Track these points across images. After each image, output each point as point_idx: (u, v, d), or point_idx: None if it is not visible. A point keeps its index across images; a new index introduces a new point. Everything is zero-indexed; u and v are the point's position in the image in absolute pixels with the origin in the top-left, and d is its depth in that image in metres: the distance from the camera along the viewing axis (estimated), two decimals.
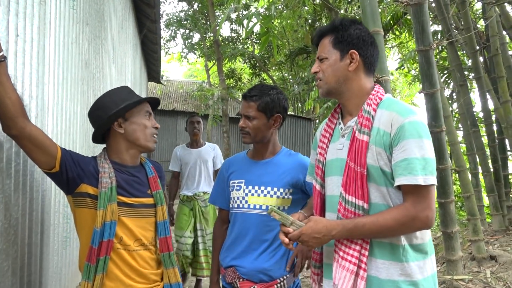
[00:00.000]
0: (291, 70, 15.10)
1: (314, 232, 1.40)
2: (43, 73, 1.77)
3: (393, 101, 1.45)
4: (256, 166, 1.92)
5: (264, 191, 1.86)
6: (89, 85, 2.77)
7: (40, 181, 1.76)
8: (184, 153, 4.07)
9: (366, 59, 1.46)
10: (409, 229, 1.34)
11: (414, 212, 1.30)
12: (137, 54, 7.52)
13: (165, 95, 17.60)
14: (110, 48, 3.79)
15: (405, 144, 1.31)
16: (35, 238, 1.72)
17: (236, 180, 1.92)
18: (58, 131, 2.02)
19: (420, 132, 1.32)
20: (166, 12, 17.40)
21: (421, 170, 1.28)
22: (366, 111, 1.42)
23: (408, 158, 1.30)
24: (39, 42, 1.71)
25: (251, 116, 1.85)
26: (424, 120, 1.44)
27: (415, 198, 1.31)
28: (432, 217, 1.32)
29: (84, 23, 2.56)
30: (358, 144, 1.41)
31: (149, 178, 1.72)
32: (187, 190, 3.99)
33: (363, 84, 1.47)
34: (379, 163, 1.37)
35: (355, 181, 1.40)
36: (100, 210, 1.52)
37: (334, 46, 1.48)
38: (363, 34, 1.47)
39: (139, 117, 1.66)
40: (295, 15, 12.05)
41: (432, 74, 2.72)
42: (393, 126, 1.35)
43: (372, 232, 1.35)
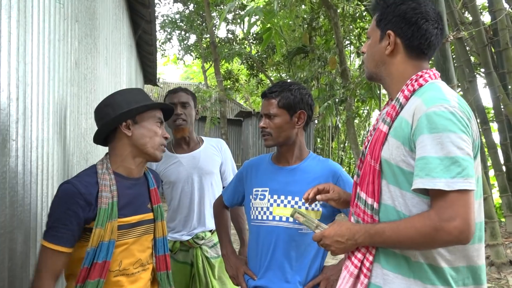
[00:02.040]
0: (289, 70, 14.93)
1: (337, 235, 1.24)
2: (24, 72, 1.57)
3: (430, 87, 1.21)
4: (282, 173, 1.72)
5: (292, 201, 1.66)
6: (79, 87, 2.57)
7: (22, 194, 1.56)
8: (166, 163, 2.33)
9: (407, 40, 1.24)
10: (435, 243, 1.11)
11: (437, 221, 1.07)
12: (132, 56, 7.33)
13: (161, 97, 17.46)
14: (103, 48, 3.60)
15: (423, 140, 1.11)
16: (17, 259, 1.51)
17: (260, 188, 1.72)
18: (45, 137, 1.82)
19: (443, 124, 1.09)
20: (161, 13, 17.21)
21: (442, 172, 1.07)
22: (396, 99, 1.23)
23: (426, 157, 1.09)
24: (19, 37, 1.51)
25: (272, 114, 1.67)
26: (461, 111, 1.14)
27: (440, 205, 1.08)
28: (465, 230, 1.06)
29: (73, 19, 2.37)
30: (377, 135, 1.24)
31: (150, 190, 1.57)
32: (180, 231, 2.33)
33: (403, 69, 1.26)
34: (396, 158, 1.17)
35: (368, 175, 1.23)
36: (97, 229, 1.35)
37: (377, 25, 1.30)
38: (407, 10, 1.23)
39: (150, 122, 1.53)
40: (292, 15, 11.89)
41: (449, 68, 2.55)
42: (415, 116, 1.15)
43: (392, 240, 1.16)
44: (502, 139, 4.61)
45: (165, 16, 15.70)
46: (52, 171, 1.94)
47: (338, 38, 8.82)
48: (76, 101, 2.47)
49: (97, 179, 1.44)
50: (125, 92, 1.56)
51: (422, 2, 1.27)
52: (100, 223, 1.37)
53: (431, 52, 1.29)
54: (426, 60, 1.30)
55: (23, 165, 1.54)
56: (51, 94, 1.93)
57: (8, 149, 1.40)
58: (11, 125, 1.42)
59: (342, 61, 8.92)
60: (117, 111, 1.48)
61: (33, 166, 1.66)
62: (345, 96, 8.24)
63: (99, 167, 1.48)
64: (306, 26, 12.30)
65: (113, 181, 1.45)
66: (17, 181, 1.49)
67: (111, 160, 1.52)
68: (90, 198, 1.39)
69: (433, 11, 1.27)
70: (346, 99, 8.36)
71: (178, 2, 15.47)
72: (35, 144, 1.67)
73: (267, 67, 15.68)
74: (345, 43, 9.71)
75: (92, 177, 1.46)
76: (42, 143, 1.79)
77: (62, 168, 2.14)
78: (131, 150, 1.52)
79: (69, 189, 1.40)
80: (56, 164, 2.02)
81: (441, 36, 1.29)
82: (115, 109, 1.49)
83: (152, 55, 9.28)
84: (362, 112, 12.26)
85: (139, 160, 1.54)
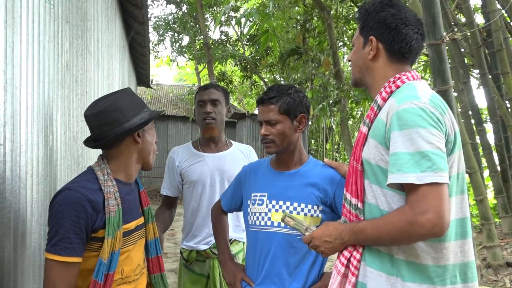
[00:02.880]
0: (283, 72, 14.91)
1: (325, 235, 1.28)
2: (13, 74, 1.53)
3: (406, 88, 1.24)
4: (281, 178, 1.68)
5: (290, 207, 1.62)
6: (71, 89, 2.52)
7: (11, 200, 1.51)
8: (190, 161, 2.23)
9: (388, 45, 1.29)
10: (412, 237, 1.11)
11: (410, 215, 1.09)
12: (125, 58, 7.27)
13: (155, 99, 17.37)
14: (95, 49, 3.55)
15: (394, 137, 1.14)
16: (6, 267, 1.46)
17: (259, 193, 1.68)
18: (34, 141, 1.77)
19: (413, 120, 1.11)
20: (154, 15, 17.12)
21: (413, 167, 1.09)
22: (374, 101, 1.28)
23: (397, 153, 1.13)
24: (7, 38, 1.47)
25: (273, 120, 1.62)
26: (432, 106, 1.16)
27: (413, 199, 1.11)
28: (437, 223, 1.06)
29: (63, 20, 2.32)
30: (358, 136, 1.29)
31: (140, 193, 1.53)
32: (197, 240, 2.19)
33: (385, 73, 1.30)
34: (375, 158, 1.21)
35: (352, 177, 1.27)
36: (109, 240, 1.30)
37: (360, 32, 1.35)
38: (387, 16, 1.29)
39: (151, 128, 1.52)
40: (286, 16, 11.88)
41: (445, 69, 2.53)
42: (388, 115, 1.18)
43: (373, 237, 1.19)
44: (497, 140, 4.62)
45: (158, 17, 15.64)
46: (42, 176, 1.89)
47: (331, 40, 8.82)
48: (67, 104, 2.42)
49: (99, 185, 1.37)
50: (125, 95, 1.49)
51: (402, 9, 1.31)
52: (111, 233, 1.31)
53: (412, 56, 1.33)
54: (407, 64, 1.33)
55: (11, 170, 1.49)
56: (41, 96, 1.89)
57: None
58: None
59: (335, 63, 8.92)
60: (128, 118, 1.43)
61: (22, 171, 1.61)
62: (339, 97, 8.23)
63: (99, 173, 1.40)
64: (299, 28, 12.30)
65: (116, 188, 1.39)
66: (5, 187, 1.44)
67: (111, 165, 1.45)
68: (97, 206, 1.32)
69: (413, 17, 1.31)
70: (340, 100, 8.35)
71: (171, 4, 15.41)
72: (24, 148, 1.62)
73: (261, 69, 15.67)
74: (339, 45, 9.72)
75: (94, 183, 1.38)
76: (31, 147, 1.74)
77: (52, 173, 2.08)
78: (136, 157, 1.48)
79: (75, 196, 1.31)
80: (46, 168, 1.96)
81: (422, 41, 1.33)
82: (125, 116, 1.42)
83: (145, 56, 9.22)
84: (356, 113, 12.28)
85: (138, 166, 1.52)
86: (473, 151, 4.52)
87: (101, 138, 1.43)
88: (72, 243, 1.27)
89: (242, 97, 20.82)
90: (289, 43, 13.58)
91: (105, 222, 1.33)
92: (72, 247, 1.27)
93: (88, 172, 1.44)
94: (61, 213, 1.29)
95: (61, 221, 1.28)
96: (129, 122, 1.43)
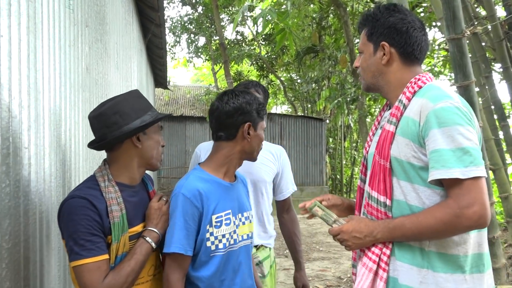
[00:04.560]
0: (299, 70, 14.85)
1: (355, 231, 1.29)
2: (35, 79, 1.56)
3: (430, 88, 1.29)
4: (233, 190, 1.60)
5: (250, 216, 1.65)
6: (91, 92, 2.56)
7: (36, 202, 1.54)
8: None
9: (401, 49, 1.34)
10: (457, 229, 1.17)
11: (456, 208, 1.14)
12: (143, 60, 7.35)
13: (172, 100, 17.52)
14: (113, 52, 3.60)
15: (434, 134, 1.18)
16: (32, 268, 1.50)
17: (223, 213, 1.52)
18: (57, 144, 1.80)
19: (451, 118, 1.17)
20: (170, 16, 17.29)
21: (456, 162, 1.14)
22: (399, 100, 1.31)
23: (439, 150, 1.17)
24: (29, 44, 1.50)
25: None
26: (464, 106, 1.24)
27: (457, 193, 1.14)
28: (484, 214, 1.14)
29: (83, 24, 2.35)
30: (384, 135, 1.30)
31: (149, 193, 1.54)
32: None
33: (401, 76, 1.35)
34: (406, 155, 1.23)
35: (378, 175, 1.29)
36: (114, 245, 1.31)
37: (368, 39, 1.39)
38: (396, 21, 1.33)
39: (155, 132, 1.49)
40: (301, 14, 11.83)
41: (466, 64, 2.47)
42: (422, 114, 1.22)
43: (413, 232, 1.21)
44: None
45: (174, 19, 15.78)
46: (65, 178, 1.92)
47: (348, 37, 8.74)
48: (88, 107, 2.46)
49: (101, 192, 1.37)
50: (129, 97, 1.49)
51: (408, 13, 1.37)
52: (117, 238, 1.33)
53: (422, 57, 1.39)
54: (419, 65, 1.39)
55: (36, 173, 1.52)
56: (63, 100, 1.92)
57: (20, 157, 1.38)
58: (23, 132, 1.41)
59: (352, 60, 8.83)
60: (127, 121, 1.42)
61: (46, 174, 1.64)
62: (357, 95, 8.15)
63: (100, 180, 1.40)
64: (315, 26, 12.22)
65: (118, 192, 1.39)
66: (30, 189, 1.47)
67: (112, 169, 1.45)
68: (101, 212, 1.33)
69: (417, 20, 1.37)
70: (357, 98, 8.27)
71: (186, 5, 15.52)
72: (47, 151, 1.66)
73: (277, 68, 15.64)
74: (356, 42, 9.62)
75: (95, 189, 1.38)
76: (54, 150, 1.78)
77: (75, 175, 2.12)
78: (137, 161, 1.47)
79: (79, 202, 1.32)
80: (69, 171, 2.00)
81: (427, 41, 1.39)
82: (125, 119, 1.42)
83: (162, 58, 9.30)
84: (374, 110, 12.14)
85: (142, 169, 1.51)
86: (497, 147, 4.41)
87: (101, 141, 1.45)
88: (94, 243, 1.29)
89: None
90: (305, 41, 13.52)
91: (110, 228, 1.34)
92: (96, 247, 1.29)
93: (90, 179, 1.45)
94: (72, 221, 1.30)
95: (75, 229, 1.29)
96: (128, 126, 1.42)
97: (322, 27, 11.59)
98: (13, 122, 1.33)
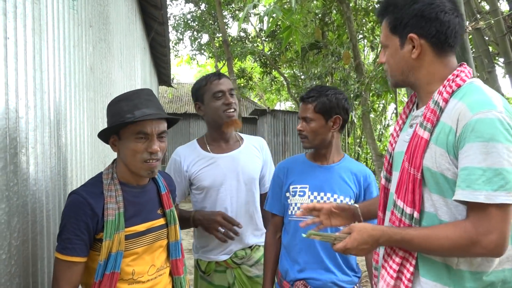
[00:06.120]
0: (302, 67, 14.82)
1: (360, 244, 1.22)
2: (41, 79, 1.59)
3: (472, 89, 1.14)
4: (320, 170, 1.81)
5: (331, 198, 1.75)
6: (96, 92, 2.59)
7: (43, 200, 1.58)
8: (200, 164, 2.00)
9: (433, 38, 1.17)
10: (467, 254, 1.10)
11: (474, 234, 1.04)
12: (146, 58, 7.38)
13: (176, 98, 17.56)
14: (117, 52, 3.62)
15: (468, 149, 1.06)
16: (40, 264, 1.53)
17: (299, 185, 1.80)
18: (63, 143, 1.84)
19: (490, 133, 1.03)
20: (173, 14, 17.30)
21: (484, 184, 1.03)
22: (435, 101, 1.16)
23: (469, 167, 1.05)
24: (35, 45, 1.53)
25: (308, 118, 1.77)
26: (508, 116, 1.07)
27: (477, 218, 1.04)
28: (501, 244, 1.04)
29: (86, 24, 2.38)
30: (417, 141, 1.17)
31: (161, 195, 1.51)
32: (216, 251, 1.99)
33: (435, 69, 1.20)
34: (441, 167, 1.11)
35: (406, 184, 1.17)
36: (107, 241, 1.34)
37: (392, 32, 1.23)
38: (423, 9, 1.16)
39: (130, 139, 1.39)
40: (304, 10, 11.80)
41: (468, 59, 2.48)
42: (459, 123, 1.08)
43: (421, 248, 1.14)
44: None
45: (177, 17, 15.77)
46: (71, 177, 1.96)
47: (351, 33, 8.72)
48: (93, 106, 2.49)
49: (102, 189, 1.41)
50: (131, 96, 1.45)
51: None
52: (109, 236, 1.36)
53: (457, 42, 1.22)
54: (453, 54, 1.24)
55: (43, 172, 1.55)
56: (68, 100, 1.95)
57: (27, 157, 1.41)
58: (30, 132, 1.43)
59: (356, 56, 8.81)
60: (113, 119, 1.42)
61: (53, 172, 1.67)
62: (360, 90, 8.14)
63: (104, 177, 1.45)
64: (318, 22, 12.19)
65: (119, 191, 1.41)
66: (37, 188, 1.50)
67: (117, 168, 1.48)
68: (97, 209, 1.37)
69: (447, 1, 1.20)
70: (361, 93, 8.25)
71: (189, 3, 15.51)
72: (54, 151, 1.69)
73: (281, 64, 15.62)
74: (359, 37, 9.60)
75: (98, 186, 1.43)
76: (60, 149, 1.81)
77: (81, 173, 2.16)
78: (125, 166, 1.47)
79: (76, 200, 1.39)
80: (74, 169, 2.04)
81: (463, 23, 1.23)
82: (112, 116, 1.43)
83: (166, 56, 9.33)
84: (377, 106, 12.11)
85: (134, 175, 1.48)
86: None
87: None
88: (72, 243, 1.35)
89: (263, 93, 20.81)
90: (307, 37, 13.50)
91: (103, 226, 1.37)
92: (72, 247, 1.35)
93: (97, 175, 1.49)
94: (65, 215, 1.38)
95: (64, 223, 1.38)
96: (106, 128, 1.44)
97: (325, 23, 11.55)
98: (20, 122, 1.36)
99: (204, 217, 1.95)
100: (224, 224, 1.91)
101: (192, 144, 2.10)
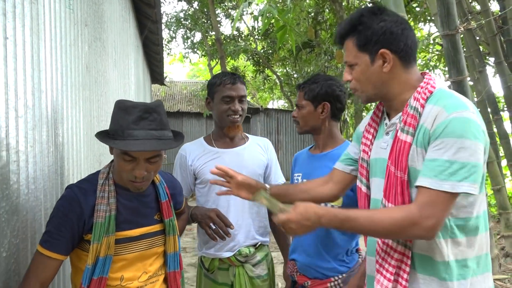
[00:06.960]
0: (295, 65, 14.87)
1: (303, 219, 1.22)
2: (39, 79, 1.60)
3: (444, 94, 1.23)
4: (313, 159, 1.92)
5: None
6: (91, 91, 2.60)
7: (42, 199, 1.59)
8: (205, 158, 2.04)
9: (402, 52, 1.27)
10: (405, 235, 1.18)
11: (417, 216, 1.13)
12: (140, 56, 7.36)
13: (169, 96, 17.50)
14: (111, 50, 3.62)
15: (440, 143, 1.15)
16: None
17: (296, 174, 1.96)
18: (59, 142, 1.84)
19: (463, 130, 1.13)
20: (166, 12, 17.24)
21: (450, 175, 1.12)
22: (413, 107, 1.24)
23: (438, 159, 1.14)
24: (33, 45, 1.53)
25: (299, 105, 1.88)
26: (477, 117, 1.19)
27: (425, 201, 1.13)
28: (437, 229, 1.14)
29: (82, 24, 2.38)
30: (400, 145, 1.24)
31: (161, 204, 1.45)
32: (218, 246, 1.99)
33: (405, 79, 1.30)
34: (420, 164, 1.21)
35: (395, 187, 1.24)
36: (94, 244, 1.29)
37: (360, 49, 1.28)
38: (389, 25, 1.25)
39: (118, 155, 1.36)
40: (297, 9, 11.83)
41: (460, 60, 2.53)
42: (435, 122, 1.17)
43: (364, 228, 1.21)
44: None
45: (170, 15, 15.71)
46: (68, 175, 1.97)
47: None
48: (89, 105, 2.49)
49: (96, 188, 1.37)
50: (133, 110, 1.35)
51: (393, 13, 1.31)
52: (97, 238, 1.30)
53: (416, 53, 1.35)
54: (416, 64, 1.35)
55: (41, 171, 1.56)
56: (64, 99, 1.96)
57: (26, 156, 1.42)
58: (29, 131, 1.44)
59: None
60: (110, 126, 1.39)
61: (50, 171, 1.68)
62: None
63: (100, 176, 1.41)
64: (311, 20, 12.24)
65: (113, 193, 1.36)
66: (36, 186, 1.51)
67: (114, 168, 1.44)
68: (86, 207, 1.33)
69: (401, 18, 1.31)
70: None
71: (182, 1, 15.46)
72: (51, 149, 1.70)
73: (273, 63, 15.64)
74: None
75: (93, 184, 1.39)
76: (57, 148, 1.82)
77: (77, 172, 2.17)
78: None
79: (68, 195, 1.37)
80: (71, 168, 2.04)
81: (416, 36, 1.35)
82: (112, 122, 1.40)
83: (159, 54, 9.30)
84: (370, 105, 12.20)
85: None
86: (490, 140, 4.48)
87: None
88: (53, 238, 1.31)
89: (256, 92, 20.83)
90: (300, 36, 13.54)
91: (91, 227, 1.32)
92: (51, 241, 1.31)
93: (95, 173, 1.46)
94: (56, 207, 1.36)
95: (53, 215, 1.35)
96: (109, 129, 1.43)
97: (318, 22, 11.60)
98: (19, 121, 1.37)
99: (199, 211, 1.96)
100: (216, 222, 1.89)
101: (199, 140, 2.16)
